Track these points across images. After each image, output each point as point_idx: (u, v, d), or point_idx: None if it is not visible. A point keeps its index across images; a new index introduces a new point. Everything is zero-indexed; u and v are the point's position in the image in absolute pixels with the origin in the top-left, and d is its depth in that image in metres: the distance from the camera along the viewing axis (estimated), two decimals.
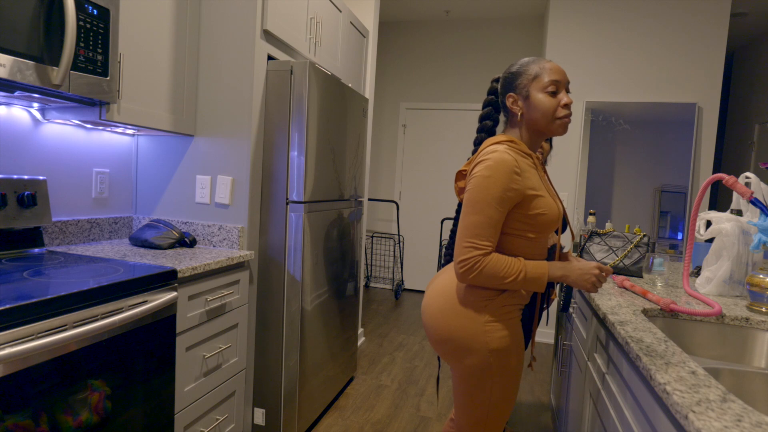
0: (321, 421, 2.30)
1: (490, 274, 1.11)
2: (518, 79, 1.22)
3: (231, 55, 1.91)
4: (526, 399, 2.70)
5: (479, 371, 1.18)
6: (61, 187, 1.78)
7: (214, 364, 1.74)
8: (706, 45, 3.39)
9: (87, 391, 1.24)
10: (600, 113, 3.55)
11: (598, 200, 3.56)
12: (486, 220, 1.11)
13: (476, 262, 1.11)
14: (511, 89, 1.24)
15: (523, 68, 1.22)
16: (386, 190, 5.06)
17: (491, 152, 1.15)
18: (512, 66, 1.26)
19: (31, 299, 1.04)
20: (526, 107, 1.22)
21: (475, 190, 1.13)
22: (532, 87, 1.20)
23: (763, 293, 1.33)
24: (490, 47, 4.59)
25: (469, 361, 1.18)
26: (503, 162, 1.12)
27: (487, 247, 1.12)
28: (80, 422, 1.23)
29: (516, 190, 1.13)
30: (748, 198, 1.23)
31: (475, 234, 1.12)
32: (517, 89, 1.22)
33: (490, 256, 1.12)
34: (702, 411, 0.69)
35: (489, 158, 1.14)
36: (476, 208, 1.12)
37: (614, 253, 1.80)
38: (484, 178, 1.12)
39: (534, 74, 1.20)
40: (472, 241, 1.12)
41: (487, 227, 1.12)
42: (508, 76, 1.25)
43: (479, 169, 1.14)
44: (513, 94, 1.23)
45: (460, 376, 1.22)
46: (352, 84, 2.89)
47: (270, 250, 2.01)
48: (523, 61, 1.24)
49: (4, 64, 1.16)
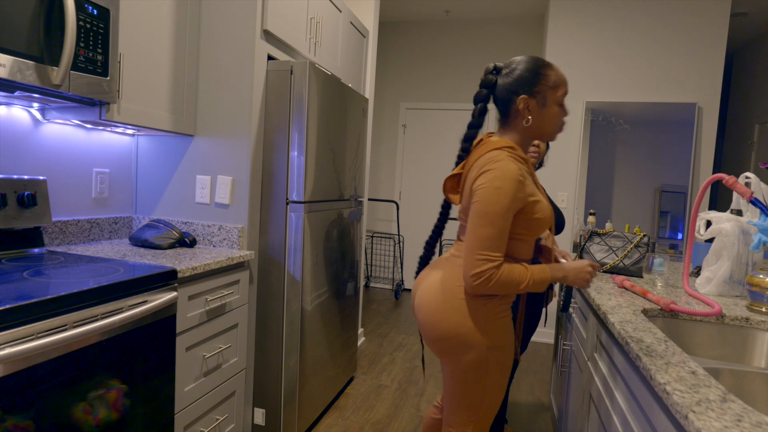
0: (321, 421, 2.30)
1: (504, 283, 1.13)
2: (538, 83, 1.18)
3: (231, 55, 1.91)
4: (526, 399, 2.70)
5: (477, 366, 1.20)
6: (61, 187, 1.78)
7: (214, 364, 1.74)
8: (706, 45, 3.39)
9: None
10: (600, 113, 3.55)
11: (598, 200, 3.56)
12: (498, 232, 1.12)
13: (491, 274, 1.12)
14: (526, 91, 1.18)
15: (542, 71, 1.18)
16: (386, 190, 5.06)
17: (496, 160, 1.14)
18: (523, 63, 1.20)
19: (31, 299, 1.04)
20: (539, 115, 1.20)
21: (486, 201, 1.12)
22: (549, 96, 1.18)
23: (763, 293, 1.33)
24: (490, 47, 4.59)
25: (467, 357, 1.20)
26: (510, 172, 1.12)
27: (499, 259, 1.13)
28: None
29: (521, 198, 1.14)
30: (748, 198, 1.23)
31: (488, 246, 1.12)
32: (535, 94, 1.18)
33: (502, 268, 1.13)
34: (702, 411, 0.69)
35: (495, 168, 1.12)
36: (488, 220, 1.12)
37: (614, 253, 1.80)
38: (494, 190, 1.11)
39: (553, 83, 1.18)
40: (485, 253, 1.12)
41: (498, 239, 1.12)
42: (524, 75, 1.18)
43: (487, 180, 1.12)
44: (527, 98, 1.18)
45: (457, 372, 1.23)
46: (352, 84, 2.89)
47: (270, 250, 2.01)
48: (537, 62, 1.19)
49: (4, 64, 1.16)
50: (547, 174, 3.69)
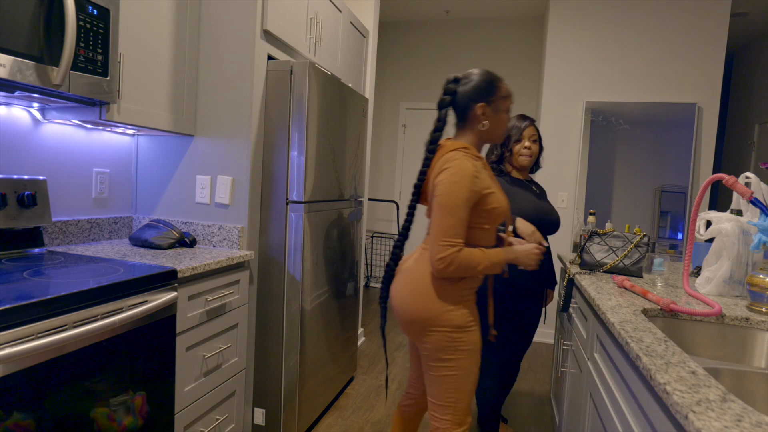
0: (321, 421, 2.30)
1: (465, 266, 1.30)
2: (494, 93, 1.37)
3: (231, 55, 1.91)
4: (526, 399, 2.70)
5: (444, 347, 1.35)
6: (61, 187, 1.78)
7: (214, 364, 1.74)
8: (706, 45, 3.39)
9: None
10: (600, 113, 3.55)
11: (598, 200, 3.56)
12: (458, 221, 1.28)
13: (453, 257, 1.28)
14: (484, 99, 1.37)
15: (496, 83, 1.38)
16: (386, 190, 5.06)
17: (452, 159, 1.31)
18: (486, 75, 1.38)
19: (31, 299, 1.04)
20: (493, 120, 1.39)
21: (446, 195, 1.28)
22: (501, 104, 1.39)
23: (763, 293, 1.33)
24: (490, 47, 4.59)
25: (434, 337, 1.35)
26: (465, 168, 1.29)
27: (460, 244, 1.29)
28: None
29: (476, 191, 1.30)
30: (748, 198, 1.23)
31: (450, 234, 1.28)
32: (491, 102, 1.37)
33: (463, 251, 1.30)
34: (702, 411, 0.69)
35: (452, 166, 1.30)
36: (448, 211, 1.28)
37: (614, 253, 1.80)
38: (451, 184, 1.28)
39: (504, 93, 1.39)
40: (448, 240, 1.28)
41: (459, 227, 1.29)
42: (482, 86, 1.37)
43: (446, 177, 1.29)
44: (485, 105, 1.37)
45: (429, 353, 1.38)
46: (352, 84, 2.89)
47: (270, 250, 2.01)
48: (491, 75, 1.38)
49: (4, 64, 1.16)
50: (548, 174, 3.69)
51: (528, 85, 4.49)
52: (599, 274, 1.80)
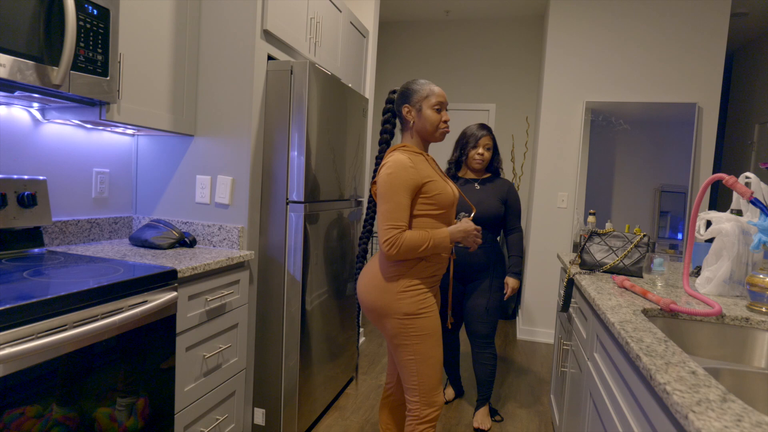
0: (321, 421, 2.30)
1: (410, 246, 1.42)
2: (413, 95, 1.55)
3: (231, 55, 1.91)
4: (526, 399, 2.70)
5: (399, 332, 1.49)
6: (61, 187, 1.78)
7: (214, 364, 1.74)
8: (706, 45, 3.39)
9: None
10: (600, 113, 3.55)
11: (598, 200, 3.56)
12: (396, 206, 1.42)
13: (397, 238, 1.41)
14: (407, 102, 1.55)
15: (417, 87, 1.54)
16: None
17: (390, 156, 1.49)
18: (409, 83, 1.56)
19: (31, 299, 1.04)
20: (418, 118, 1.54)
21: (384, 185, 1.44)
22: (423, 103, 1.54)
23: (763, 293, 1.33)
24: (490, 47, 4.59)
25: (389, 324, 1.50)
26: (399, 160, 1.45)
27: (402, 226, 1.42)
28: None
29: (413, 179, 1.44)
30: (748, 198, 1.23)
31: (391, 217, 1.42)
32: (411, 103, 1.55)
33: (406, 233, 1.43)
34: (702, 411, 0.69)
35: (389, 161, 1.46)
36: (387, 198, 1.43)
37: (614, 253, 1.80)
38: (387, 175, 1.44)
39: (426, 94, 1.54)
40: (389, 223, 1.42)
41: (399, 211, 1.42)
42: (405, 92, 1.56)
43: (384, 171, 1.46)
44: (408, 106, 1.55)
45: (388, 339, 1.53)
46: (352, 84, 2.89)
47: (270, 250, 2.01)
48: (419, 81, 1.56)
49: (4, 64, 1.16)
50: (548, 174, 3.69)
51: (528, 85, 4.49)
52: (599, 274, 1.80)
